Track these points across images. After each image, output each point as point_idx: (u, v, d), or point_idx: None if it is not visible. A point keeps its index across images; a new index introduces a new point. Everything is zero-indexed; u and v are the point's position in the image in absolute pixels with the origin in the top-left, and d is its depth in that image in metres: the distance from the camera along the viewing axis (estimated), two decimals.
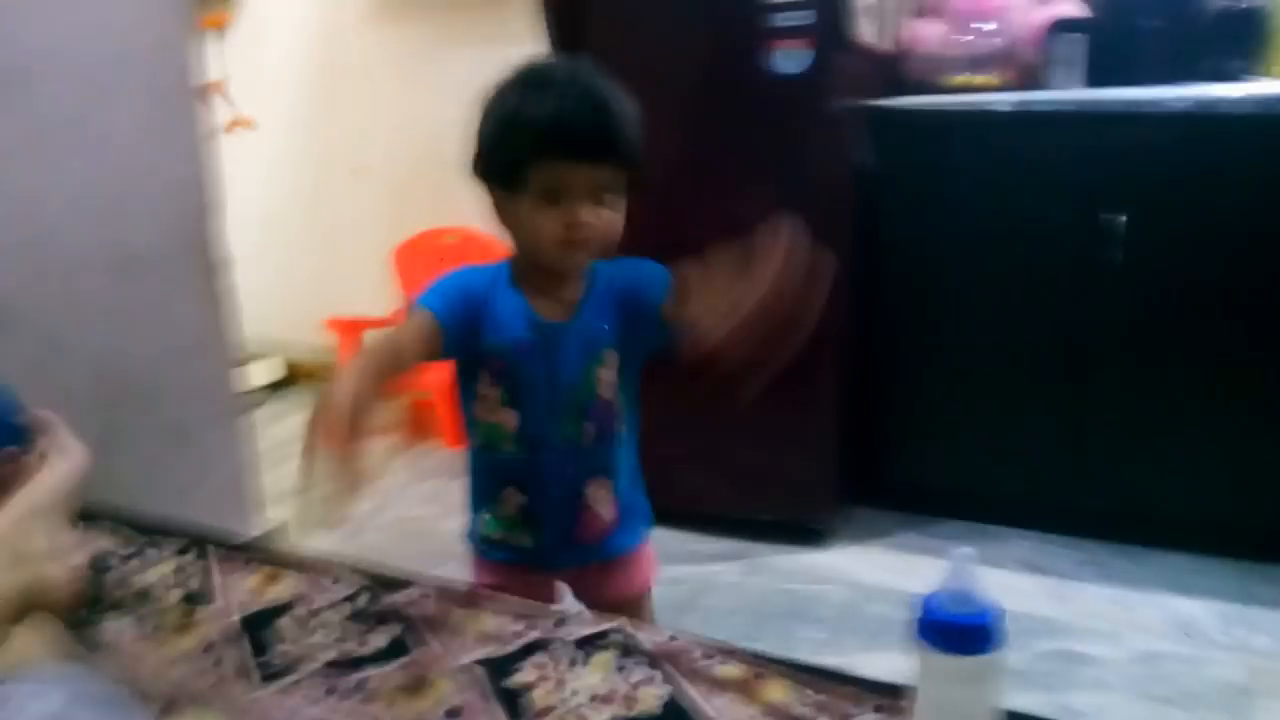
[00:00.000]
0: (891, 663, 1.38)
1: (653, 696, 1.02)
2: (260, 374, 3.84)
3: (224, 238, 2.25)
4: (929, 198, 2.31)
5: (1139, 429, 2.23)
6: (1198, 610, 2.04)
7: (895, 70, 2.60)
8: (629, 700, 1.01)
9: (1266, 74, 2.35)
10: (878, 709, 0.97)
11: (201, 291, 2.24)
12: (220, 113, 2.58)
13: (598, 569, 1.40)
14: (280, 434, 3.41)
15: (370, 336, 3.44)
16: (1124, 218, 2.12)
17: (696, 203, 2.25)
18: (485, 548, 1.38)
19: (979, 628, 0.73)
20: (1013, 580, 2.20)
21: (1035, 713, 1.75)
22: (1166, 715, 1.72)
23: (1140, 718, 1.72)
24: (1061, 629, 2.00)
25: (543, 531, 1.33)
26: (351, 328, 3.36)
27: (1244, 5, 2.35)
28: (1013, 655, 1.95)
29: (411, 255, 3.55)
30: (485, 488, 1.35)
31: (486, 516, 1.35)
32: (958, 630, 0.73)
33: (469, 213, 3.49)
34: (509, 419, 1.26)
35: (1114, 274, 2.15)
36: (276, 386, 3.90)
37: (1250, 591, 2.09)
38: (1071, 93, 2.28)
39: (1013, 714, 0.87)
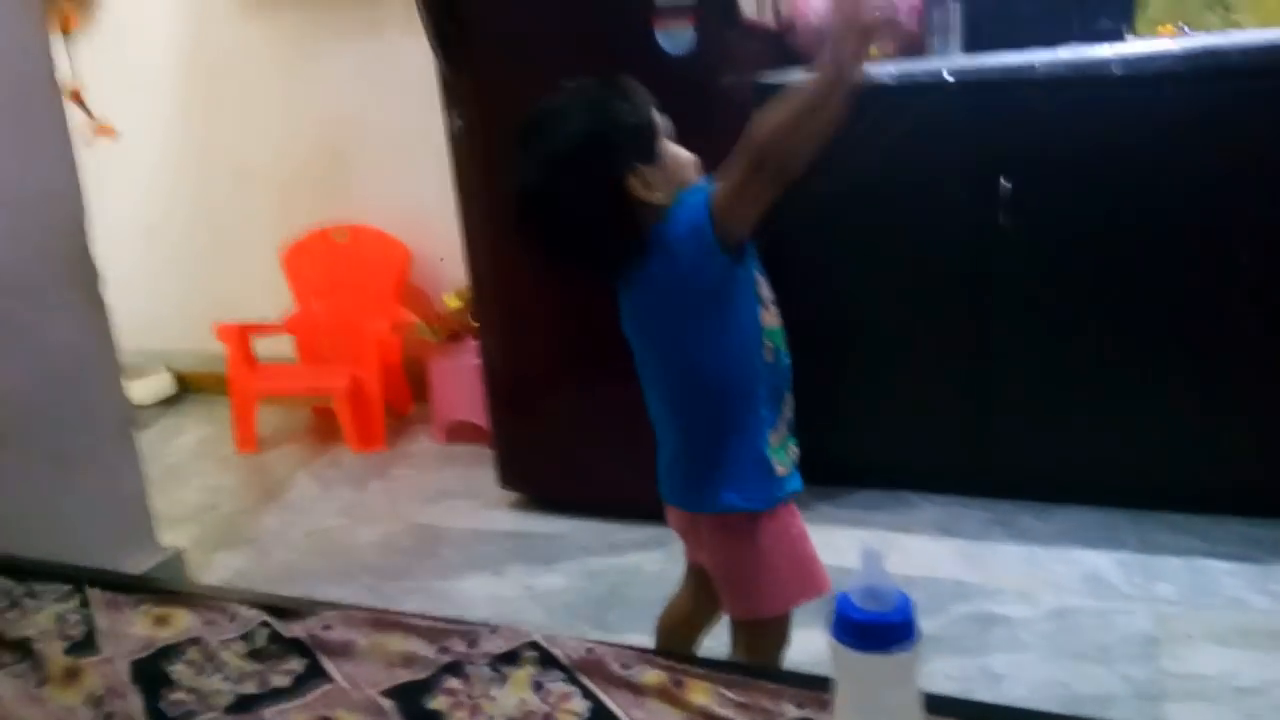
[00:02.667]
0: (814, 640, 1.38)
1: (573, 712, 0.99)
2: (147, 390, 3.67)
3: (96, 251, 2.13)
4: (819, 172, 2.31)
5: (1037, 389, 2.28)
6: (1103, 563, 2.10)
7: (780, 45, 2.59)
8: (548, 719, 0.98)
9: (1137, 33, 2.41)
10: (799, 704, 0.96)
11: (76, 308, 2.11)
12: (79, 121, 2.44)
13: None
14: (175, 453, 3.27)
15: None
16: (1008, 182, 2.15)
17: None
18: (780, 492, 1.31)
19: (892, 625, 0.71)
20: (926, 545, 2.23)
21: (954, 678, 1.79)
22: (1081, 670, 1.77)
23: (1055, 675, 1.76)
24: (975, 591, 2.04)
25: (794, 435, 1.35)
26: (241, 333, 3.23)
27: None
28: (929, 621, 1.98)
29: (302, 256, 3.43)
30: (770, 410, 1.29)
31: (772, 455, 1.29)
32: (871, 630, 0.71)
33: (359, 207, 3.42)
34: (775, 315, 1.32)
35: (1003, 238, 2.19)
36: (167, 402, 3.73)
37: (1150, 540, 2.16)
38: (949, 60, 2.30)
39: (931, 696, 0.86)
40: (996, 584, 2.05)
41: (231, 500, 2.89)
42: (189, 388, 3.84)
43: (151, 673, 1.13)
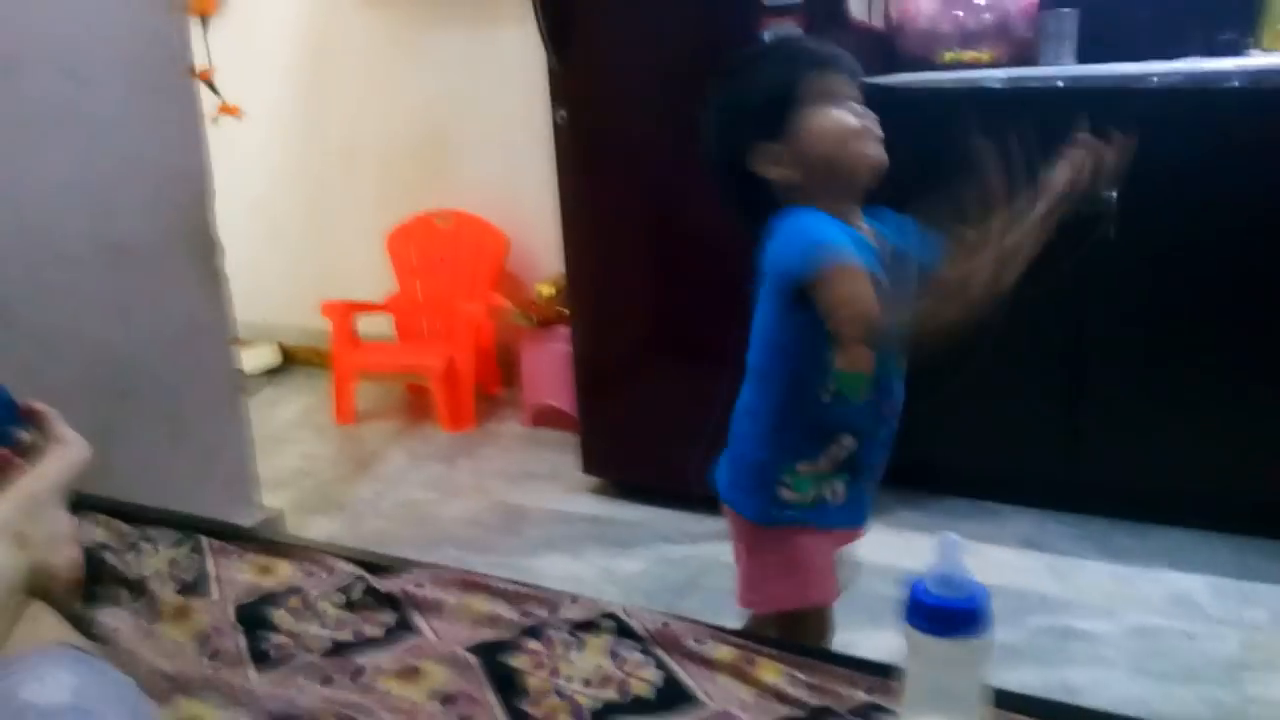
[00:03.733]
0: (889, 640, 1.39)
1: (646, 680, 1.02)
2: (253, 360, 3.83)
3: (216, 224, 2.24)
4: (924, 175, 2.30)
5: (1136, 406, 2.23)
6: (1194, 585, 2.05)
7: (888, 47, 2.59)
8: (623, 685, 1.02)
9: (1259, 46, 2.34)
10: (868, 690, 0.97)
11: (195, 278, 2.23)
12: (207, 101, 2.60)
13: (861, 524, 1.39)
14: (276, 420, 3.42)
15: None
16: (1116, 194, 2.11)
17: (692, 181, 2.24)
18: (783, 514, 1.29)
19: (965, 612, 0.73)
20: (1011, 557, 2.21)
21: (1031, 689, 1.76)
22: (1163, 690, 1.74)
23: (1136, 693, 1.73)
24: (1059, 605, 2.01)
25: (857, 481, 1.30)
26: (345, 311, 3.36)
27: None
28: (1010, 631, 1.97)
29: (405, 239, 3.55)
30: (806, 445, 1.26)
31: (791, 479, 1.27)
32: (944, 614, 0.73)
33: (461, 195, 3.51)
34: (869, 362, 1.24)
35: (1108, 251, 2.15)
36: (271, 373, 3.89)
37: (1246, 566, 2.10)
38: (1063, 68, 2.26)
39: (1001, 692, 0.87)
40: (1081, 599, 2.02)
41: (327, 468, 3.01)
42: (291, 360, 4.00)
43: (254, 616, 1.20)
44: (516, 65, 3.15)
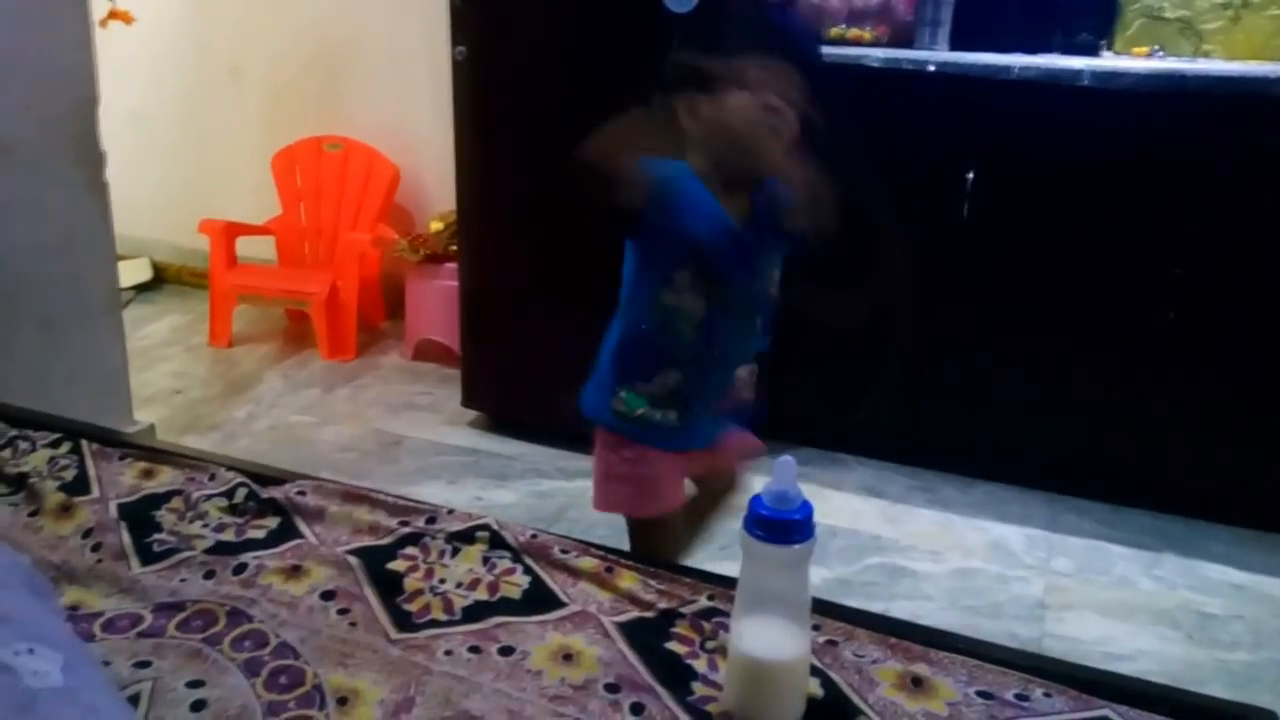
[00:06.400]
0: (735, 570, 1.54)
1: (515, 584, 1.13)
2: (125, 275, 3.72)
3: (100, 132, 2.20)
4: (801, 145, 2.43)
5: (972, 370, 2.44)
6: (1009, 534, 2.28)
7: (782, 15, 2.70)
8: (493, 586, 1.12)
9: (1111, 49, 2.54)
10: (710, 596, 1.10)
11: (78, 186, 2.18)
12: (98, 3, 2.52)
13: (710, 446, 1.51)
14: (147, 338, 3.36)
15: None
16: (972, 174, 2.29)
17: (588, 129, 2.30)
18: (619, 423, 1.43)
19: (794, 522, 0.85)
20: (851, 502, 2.40)
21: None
22: (970, 623, 1.94)
23: (950, 623, 1.92)
24: (890, 546, 2.21)
25: (690, 410, 1.42)
26: (225, 230, 3.30)
27: None
28: (846, 567, 2.14)
29: (291, 162, 3.50)
30: (638, 367, 1.41)
31: (625, 394, 1.41)
32: (776, 524, 0.85)
33: (352, 122, 3.47)
34: (698, 307, 1.36)
35: (961, 227, 2.33)
36: (141, 289, 3.80)
37: (1057, 520, 2.35)
38: (935, 53, 2.42)
39: (819, 601, 1.02)
40: (910, 541, 2.23)
41: (200, 388, 2.99)
42: (163, 277, 3.90)
43: (138, 515, 1.25)
44: None
